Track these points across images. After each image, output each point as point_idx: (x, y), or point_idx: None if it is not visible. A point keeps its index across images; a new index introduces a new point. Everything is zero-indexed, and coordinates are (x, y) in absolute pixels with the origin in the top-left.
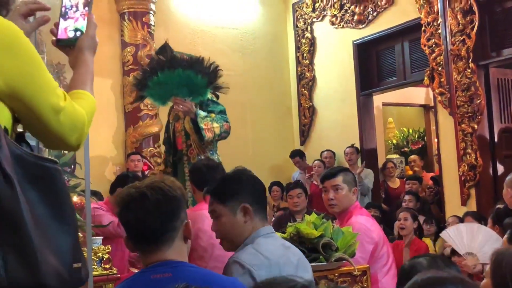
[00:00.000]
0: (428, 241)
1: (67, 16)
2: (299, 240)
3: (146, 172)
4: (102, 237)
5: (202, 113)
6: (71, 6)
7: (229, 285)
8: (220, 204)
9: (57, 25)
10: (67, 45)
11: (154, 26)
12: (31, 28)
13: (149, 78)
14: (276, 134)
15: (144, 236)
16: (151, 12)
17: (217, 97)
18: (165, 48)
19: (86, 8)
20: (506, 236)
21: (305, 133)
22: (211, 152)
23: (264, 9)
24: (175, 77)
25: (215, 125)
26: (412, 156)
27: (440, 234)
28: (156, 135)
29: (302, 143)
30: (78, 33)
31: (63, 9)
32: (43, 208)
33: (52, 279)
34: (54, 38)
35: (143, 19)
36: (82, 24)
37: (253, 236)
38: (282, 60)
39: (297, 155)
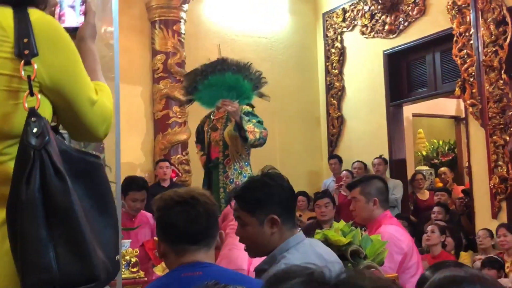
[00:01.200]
0: (466, 256)
1: (63, 10)
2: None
3: (174, 179)
4: (130, 240)
5: (245, 117)
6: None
7: (257, 285)
8: (247, 213)
9: (55, 13)
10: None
11: (184, 34)
12: None
13: (199, 81)
14: (304, 144)
15: (186, 236)
16: (182, 20)
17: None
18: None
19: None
20: None
21: (333, 143)
22: (246, 163)
23: (294, 19)
24: (225, 80)
25: (256, 130)
26: (442, 168)
27: None
28: (184, 142)
29: (330, 153)
30: (78, 23)
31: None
32: (88, 202)
33: (102, 271)
34: None
35: (174, 27)
36: (81, 19)
37: (282, 247)
38: (311, 70)
39: (336, 158)
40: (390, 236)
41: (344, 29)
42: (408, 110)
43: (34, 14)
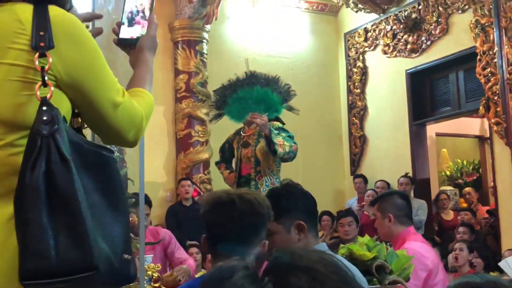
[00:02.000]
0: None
1: (134, 22)
2: (351, 262)
3: (196, 198)
4: (152, 255)
5: (274, 131)
6: (138, 11)
7: None
8: (273, 221)
9: (119, 24)
10: (128, 45)
11: (206, 54)
12: None
13: (229, 95)
14: (327, 163)
15: (220, 240)
16: (204, 41)
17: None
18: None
19: (148, 14)
20: None
21: (355, 163)
22: (277, 179)
23: (315, 39)
24: (254, 93)
25: (286, 143)
26: (467, 188)
27: (499, 264)
28: (206, 161)
29: (353, 172)
30: (139, 34)
31: (129, 14)
32: (98, 195)
33: (103, 264)
34: (116, 37)
35: (196, 47)
36: (141, 30)
37: None
38: (333, 89)
39: (361, 177)
40: (415, 252)
41: (366, 49)
42: (432, 130)
43: (54, 10)
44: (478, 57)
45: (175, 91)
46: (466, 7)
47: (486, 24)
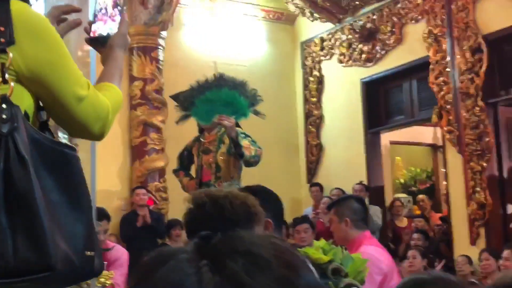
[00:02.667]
0: None
1: (96, 18)
2: None
3: (151, 207)
4: (106, 262)
5: (241, 133)
6: (101, 9)
7: None
8: None
9: (90, 23)
10: (100, 43)
11: (162, 61)
12: (63, 31)
13: (196, 96)
14: (283, 172)
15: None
16: (160, 47)
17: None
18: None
19: (116, 9)
20: None
21: (312, 171)
22: (237, 185)
23: (272, 47)
24: (222, 96)
25: (252, 147)
26: (420, 196)
27: None
28: (161, 169)
29: (309, 181)
30: (110, 32)
31: (95, 10)
32: (59, 194)
33: (62, 263)
34: (87, 36)
35: (152, 54)
36: (111, 26)
37: None
38: (290, 98)
39: (317, 186)
40: (370, 256)
41: (322, 58)
42: (386, 138)
43: (16, 4)
44: (431, 66)
45: (130, 98)
46: (420, 17)
47: (439, 34)
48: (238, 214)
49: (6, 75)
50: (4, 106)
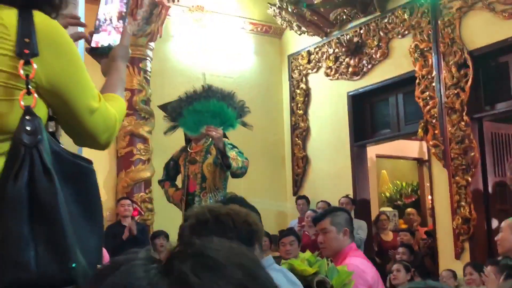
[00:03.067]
0: None
1: (100, 29)
2: None
3: (136, 218)
4: None
5: (228, 144)
6: (105, 20)
7: None
8: None
9: (91, 33)
10: (101, 54)
11: (150, 72)
12: None
13: (184, 107)
14: (269, 183)
15: None
16: (148, 58)
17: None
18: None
19: (121, 21)
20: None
21: (298, 183)
22: (222, 196)
23: (259, 60)
24: (210, 107)
25: (239, 158)
26: (409, 209)
27: None
28: (147, 180)
29: (295, 193)
30: (112, 43)
31: (97, 21)
32: (75, 206)
33: (81, 277)
34: (88, 46)
35: (140, 65)
36: (115, 38)
37: None
38: (277, 110)
39: (304, 199)
40: (355, 268)
41: (309, 71)
42: (372, 151)
43: (39, 16)
44: (417, 80)
45: None
46: (406, 32)
47: (425, 49)
48: (240, 232)
49: (30, 87)
50: (28, 117)
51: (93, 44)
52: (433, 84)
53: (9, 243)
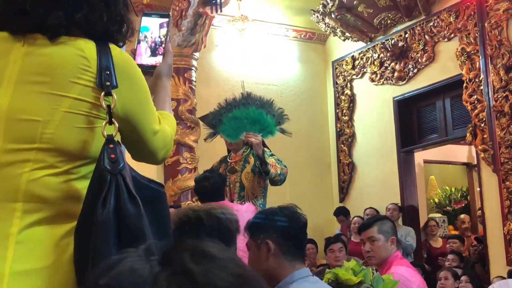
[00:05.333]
0: None
1: (146, 46)
2: (337, 286)
3: None
4: None
5: (268, 151)
6: (145, 36)
7: None
8: (250, 238)
9: (133, 51)
10: (145, 71)
11: (195, 82)
12: None
13: (224, 114)
14: (315, 191)
15: None
16: (193, 68)
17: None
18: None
19: (163, 45)
20: None
21: (344, 190)
22: (261, 205)
23: (303, 66)
24: (249, 114)
25: (278, 165)
26: (463, 216)
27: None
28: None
29: (342, 200)
30: (156, 62)
31: (142, 39)
32: (152, 228)
33: None
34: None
35: (185, 75)
36: (156, 58)
37: (286, 280)
38: (322, 117)
39: (341, 214)
40: (400, 276)
41: (354, 76)
42: (420, 157)
43: (115, 49)
44: (465, 84)
45: None
46: (452, 35)
47: (472, 52)
48: (232, 223)
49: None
50: (111, 146)
51: (139, 59)
52: (481, 87)
53: (99, 263)
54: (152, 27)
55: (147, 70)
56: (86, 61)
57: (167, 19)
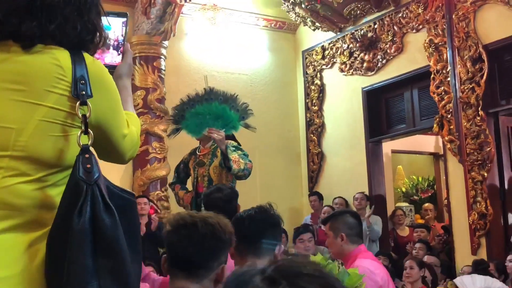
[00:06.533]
0: None
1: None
2: None
3: (153, 216)
4: None
5: (231, 147)
6: (115, 39)
7: None
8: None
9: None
10: None
11: (164, 70)
12: None
13: (187, 109)
14: (285, 180)
15: (179, 261)
16: (162, 57)
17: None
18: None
19: (122, 43)
20: None
21: (313, 179)
22: None
23: (274, 56)
24: (212, 109)
25: (241, 160)
26: (427, 204)
27: (454, 280)
28: (163, 178)
29: (311, 189)
30: (115, 62)
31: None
32: (124, 237)
33: None
34: None
35: (154, 63)
36: (115, 58)
37: None
38: (292, 106)
39: (316, 195)
40: (365, 270)
41: (324, 67)
42: (387, 147)
43: (88, 58)
44: (432, 75)
45: None
46: (420, 26)
47: (440, 43)
48: (225, 233)
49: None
50: (86, 156)
51: (104, 62)
52: (448, 79)
53: (74, 274)
54: (113, 26)
55: (108, 70)
56: (61, 70)
57: (125, 19)
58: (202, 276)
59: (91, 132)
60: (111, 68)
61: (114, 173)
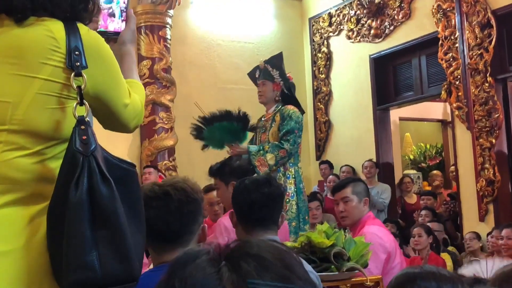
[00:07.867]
0: (446, 256)
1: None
2: (310, 249)
3: None
4: None
5: (254, 150)
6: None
7: None
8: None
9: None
10: (109, 38)
11: (170, 40)
12: None
13: (204, 131)
14: None
15: (162, 235)
16: (168, 26)
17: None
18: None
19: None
20: None
21: (321, 148)
22: (290, 164)
23: (280, 24)
24: (217, 130)
25: (269, 157)
26: (435, 172)
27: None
28: (171, 148)
29: (318, 157)
30: (119, 28)
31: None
32: (125, 208)
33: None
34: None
35: (160, 33)
36: (120, 25)
37: None
38: (298, 74)
39: (326, 163)
40: (373, 235)
41: (331, 34)
42: (395, 114)
43: (83, 29)
44: (440, 42)
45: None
46: None
47: (448, 9)
48: (197, 193)
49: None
50: (82, 127)
51: (106, 28)
52: (456, 45)
53: (74, 245)
54: None
55: (111, 37)
56: (55, 42)
57: None
58: (188, 241)
59: (87, 103)
60: (116, 35)
61: (122, 144)
